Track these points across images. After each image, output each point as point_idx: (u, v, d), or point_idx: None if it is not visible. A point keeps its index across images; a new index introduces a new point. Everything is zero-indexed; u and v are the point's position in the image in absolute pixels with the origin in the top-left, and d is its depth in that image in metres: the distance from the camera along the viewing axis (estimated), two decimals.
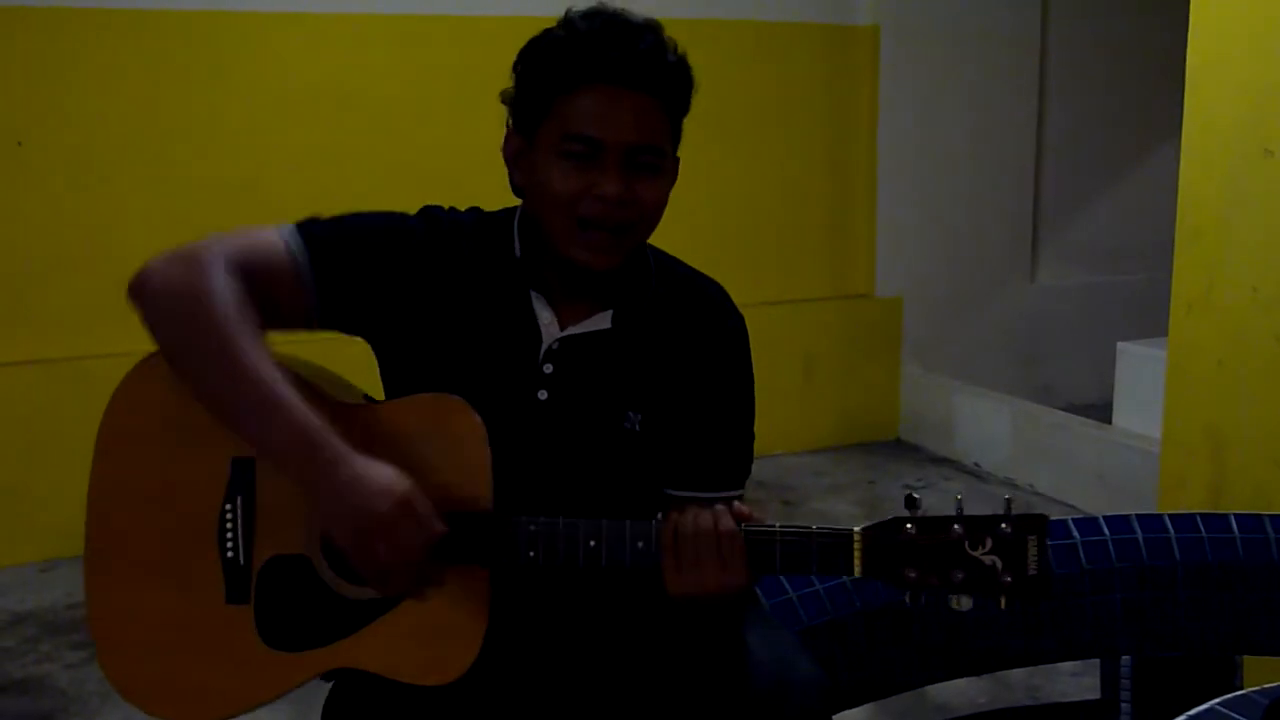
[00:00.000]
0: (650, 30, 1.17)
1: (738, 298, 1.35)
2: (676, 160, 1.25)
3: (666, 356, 1.26)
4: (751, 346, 1.34)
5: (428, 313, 1.20)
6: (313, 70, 3.58)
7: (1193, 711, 1.11)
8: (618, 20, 1.17)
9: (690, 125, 1.28)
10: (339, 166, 3.61)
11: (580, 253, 1.17)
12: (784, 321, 4.25)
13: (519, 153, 1.21)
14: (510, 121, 1.23)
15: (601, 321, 1.23)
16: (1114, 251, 4.97)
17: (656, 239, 1.28)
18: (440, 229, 1.23)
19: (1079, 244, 4.94)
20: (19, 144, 3.29)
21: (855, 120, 4.37)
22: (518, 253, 1.23)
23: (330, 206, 4.05)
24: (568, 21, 1.18)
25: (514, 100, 1.21)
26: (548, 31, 1.19)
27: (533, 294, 1.22)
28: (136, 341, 1.17)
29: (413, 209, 1.27)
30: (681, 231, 3.69)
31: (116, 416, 1.17)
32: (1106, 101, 4.84)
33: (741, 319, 1.32)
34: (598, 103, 1.14)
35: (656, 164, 1.19)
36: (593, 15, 1.17)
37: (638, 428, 1.23)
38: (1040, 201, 4.83)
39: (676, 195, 1.25)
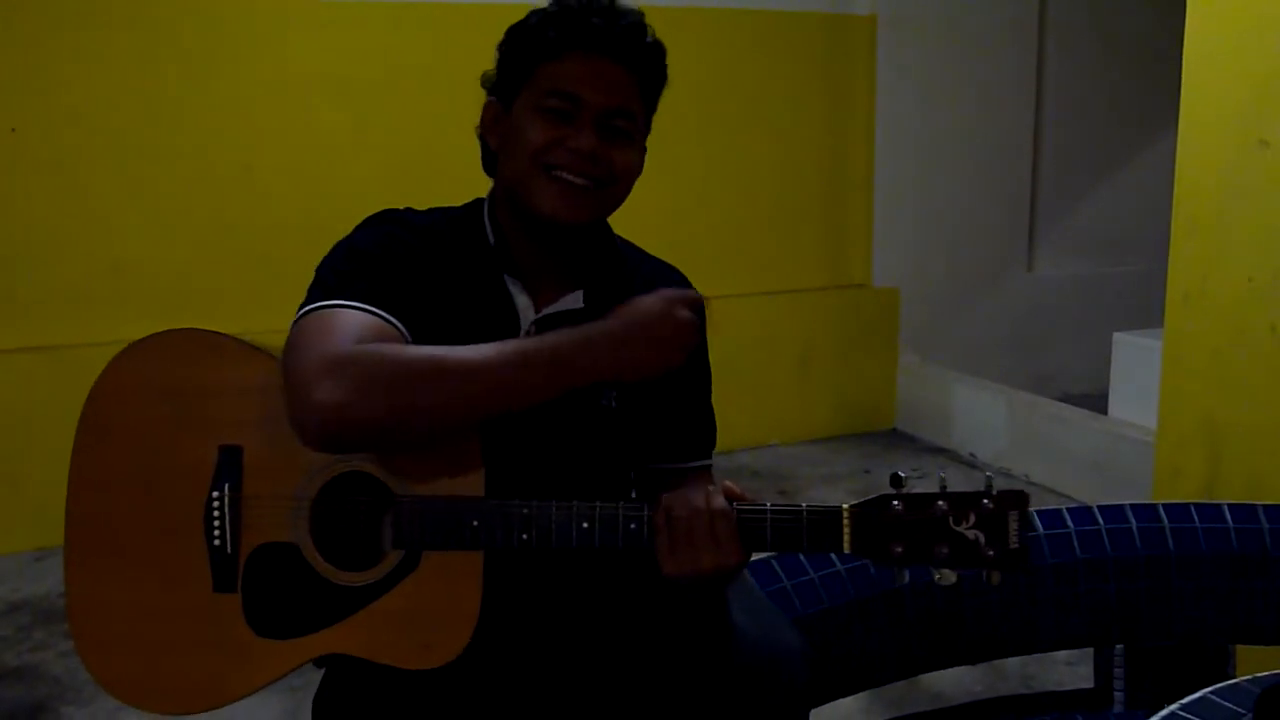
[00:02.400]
0: (634, 12, 1.23)
1: (734, 288, 1.36)
2: (644, 149, 1.27)
3: None
4: (748, 337, 1.35)
5: (416, 310, 1.19)
6: (309, 56, 3.57)
7: (1186, 700, 1.12)
8: (603, 3, 1.22)
9: (687, 114, 1.28)
10: (335, 153, 3.61)
11: (548, 201, 1.19)
12: (781, 312, 4.25)
13: (496, 118, 1.25)
14: (489, 96, 1.27)
15: (574, 301, 1.25)
16: (1111, 242, 4.97)
17: (647, 228, 1.28)
18: (412, 229, 1.24)
19: (1076, 234, 4.94)
20: (12, 130, 3.28)
21: (852, 110, 4.37)
22: (491, 240, 1.25)
23: (325, 193, 4.02)
24: (558, 1, 1.22)
25: (496, 72, 1.26)
26: (535, 10, 1.23)
27: (508, 279, 1.24)
28: (130, 328, 1.16)
29: (411, 194, 1.27)
30: (677, 221, 3.70)
31: (97, 407, 1.15)
32: (1104, 92, 4.84)
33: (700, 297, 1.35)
34: (579, 66, 1.19)
35: (630, 131, 1.22)
36: None
37: (614, 404, 1.26)
38: (1037, 192, 4.83)
39: (673, 184, 1.25)
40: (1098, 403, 3.95)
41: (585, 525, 1.10)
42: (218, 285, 3.51)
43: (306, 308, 1.13)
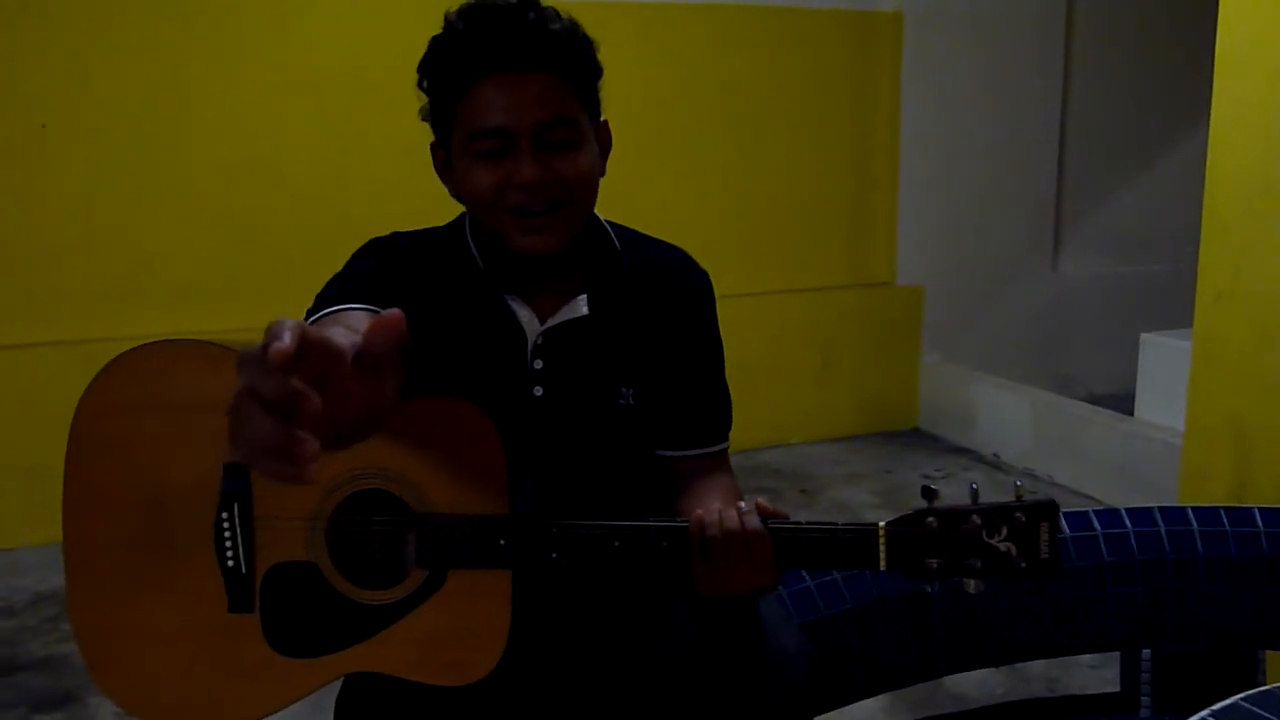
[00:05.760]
0: (527, 7, 1.14)
1: (757, 286, 1.34)
2: (605, 124, 1.22)
3: (646, 328, 1.26)
4: (770, 335, 1.33)
5: (420, 334, 1.14)
6: (333, 52, 3.59)
7: (1217, 706, 1.10)
8: (491, 8, 1.13)
9: (711, 111, 1.27)
10: (362, 148, 3.62)
11: (522, 240, 1.15)
12: (804, 310, 4.23)
13: (444, 164, 1.21)
14: (433, 135, 1.22)
15: (578, 308, 1.23)
16: (1138, 241, 4.92)
17: (670, 225, 1.26)
18: (403, 255, 1.22)
19: (1102, 233, 4.90)
20: (43, 126, 3.32)
21: (877, 107, 4.35)
22: (481, 264, 1.22)
23: (351, 188, 4.01)
24: (447, 24, 1.16)
25: (428, 115, 1.21)
26: (434, 39, 1.18)
27: (506, 297, 1.22)
28: (156, 323, 1.16)
29: (435, 189, 1.26)
30: (702, 219, 3.68)
31: (87, 423, 1.12)
32: (1132, 88, 4.79)
33: (707, 276, 1.32)
34: (492, 95, 1.12)
35: (571, 138, 1.15)
36: (467, 10, 1.15)
37: (632, 401, 1.24)
38: (1063, 189, 4.79)
39: (697, 181, 1.24)
40: (1123, 403, 3.91)
41: (617, 544, 1.08)
42: (244, 279, 3.53)
43: (310, 319, 1.08)
